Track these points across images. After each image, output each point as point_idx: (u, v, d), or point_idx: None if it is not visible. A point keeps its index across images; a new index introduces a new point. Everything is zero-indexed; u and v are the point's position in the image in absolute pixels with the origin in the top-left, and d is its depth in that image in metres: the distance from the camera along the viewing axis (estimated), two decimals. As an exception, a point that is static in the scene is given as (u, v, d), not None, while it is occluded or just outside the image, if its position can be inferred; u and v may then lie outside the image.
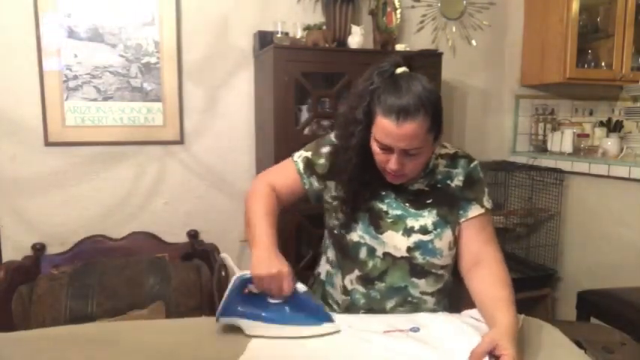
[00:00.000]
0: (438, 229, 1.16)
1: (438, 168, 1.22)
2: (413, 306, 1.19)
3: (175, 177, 2.42)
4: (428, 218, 1.17)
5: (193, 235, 2.44)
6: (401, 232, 1.16)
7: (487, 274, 1.11)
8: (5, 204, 2.21)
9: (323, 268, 1.33)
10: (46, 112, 2.21)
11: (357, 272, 1.20)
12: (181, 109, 2.39)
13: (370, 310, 1.19)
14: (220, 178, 2.49)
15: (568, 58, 2.65)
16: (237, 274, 1.05)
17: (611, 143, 2.64)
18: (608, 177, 2.39)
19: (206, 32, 2.39)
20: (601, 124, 2.99)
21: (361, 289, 1.19)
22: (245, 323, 1.02)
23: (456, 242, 1.19)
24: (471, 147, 2.92)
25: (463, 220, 1.18)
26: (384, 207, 1.19)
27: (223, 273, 2.23)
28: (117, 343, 1.01)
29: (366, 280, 1.19)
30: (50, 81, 2.20)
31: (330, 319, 1.05)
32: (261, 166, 2.43)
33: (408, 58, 1.16)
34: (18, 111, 2.18)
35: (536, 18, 2.85)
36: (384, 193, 1.20)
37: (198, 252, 2.35)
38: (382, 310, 1.19)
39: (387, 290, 1.18)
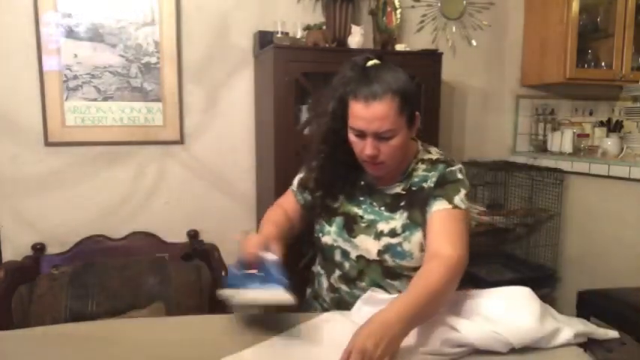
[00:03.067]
0: (407, 232, 1.17)
1: (417, 172, 1.23)
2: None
3: (175, 177, 2.42)
4: (398, 221, 1.19)
5: (193, 235, 2.44)
6: (372, 236, 1.20)
7: (424, 269, 1.05)
8: (5, 204, 2.21)
9: (316, 268, 1.38)
10: (46, 112, 2.21)
11: (337, 272, 1.25)
12: (181, 109, 2.39)
13: None
14: (220, 178, 2.49)
15: (568, 58, 2.65)
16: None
17: (611, 143, 2.64)
18: (608, 177, 2.39)
19: (206, 32, 2.39)
20: (601, 124, 2.99)
21: (345, 287, 1.24)
22: (226, 292, 1.08)
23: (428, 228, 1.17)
24: (471, 147, 2.92)
25: (428, 215, 1.15)
26: (359, 212, 1.24)
27: (223, 273, 2.24)
28: (117, 341, 1.01)
29: (348, 280, 1.23)
30: (50, 81, 2.20)
31: (285, 288, 1.04)
32: (261, 165, 2.43)
33: (381, 53, 1.24)
34: (18, 111, 2.19)
35: (536, 18, 2.85)
36: (361, 198, 1.25)
37: (198, 252, 2.35)
38: None
39: (370, 287, 1.19)
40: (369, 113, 1.09)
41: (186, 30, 2.36)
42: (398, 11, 2.56)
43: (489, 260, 2.69)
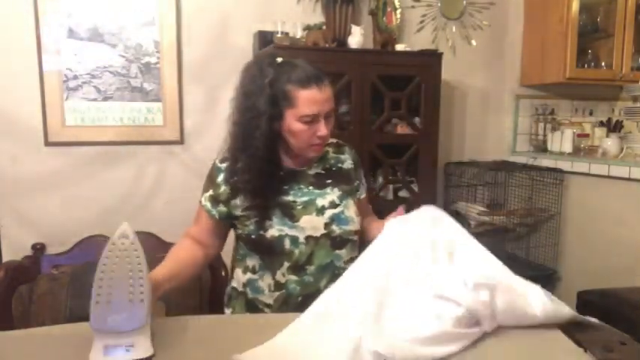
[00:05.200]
0: (344, 201, 1.32)
1: (329, 154, 1.39)
2: (337, 277, 1.24)
3: (175, 177, 2.42)
4: (332, 195, 1.32)
5: (193, 235, 2.43)
6: (315, 214, 1.28)
7: (371, 221, 1.46)
8: (5, 204, 2.22)
9: (240, 279, 1.36)
10: (46, 112, 2.21)
11: (286, 264, 1.26)
12: (181, 109, 2.39)
13: (306, 295, 1.25)
14: (220, 178, 2.49)
15: (568, 58, 2.65)
16: None
17: (611, 143, 2.64)
18: (608, 177, 2.39)
19: (206, 32, 2.39)
20: (601, 124, 2.99)
21: (294, 277, 1.27)
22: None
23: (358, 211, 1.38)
24: (471, 147, 2.92)
25: (359, 196, 1.42)
26: (290, 198, 1.29)
27: (223, 273, 2.24)
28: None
29: (297, 268, 1.27)
30: (50, 81, 2.20)
31: None
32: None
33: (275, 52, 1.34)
34: (18, 111, 2.19)
35: (536, 18, 2.85)
36: (286, 187, 1.30)
37: (198, 252, 2.35)
38: (317, 292, 1.22)
39: (317, 271, 1.27)
40: (323, 95, 1.21)
41: (186, 30, 2.36)
42: (398, 11, 2.56)
43: (489, 260, 2.68)
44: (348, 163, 1.41)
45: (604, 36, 2.84)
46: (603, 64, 2.84)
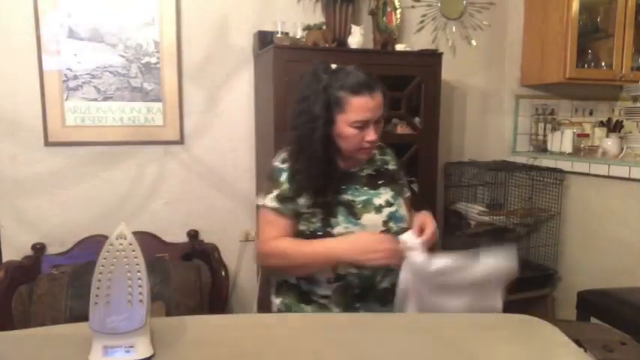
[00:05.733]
0: (397, 201, 1.41)
1: (375, 156, 1.46)
2: (391, 272, 1.34)
3: (175, 177, 2.42)
4: (386, 194, 1.40)
5: (193, 235, 2.44)
6: (374, 212, 1.35)
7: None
8: (5, 204, 2.21)
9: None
10: (46, 112, 2.21)
11: None
12: (181, 109, 2.39)
13: (363, 287, 1.33)
14: (220, 178, 2.49)
15: (568, 58, 2.65)
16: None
17: (611, 143, 2.64)
18: (608, 177, 2.39)
19: (206, 32, 2.39)
20: (601, 124, 2.99)
21: (354, 270, 1.32)
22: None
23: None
24: (471, 147, 2.92)
25: (405, 196, 1.48)
26: (350, 197, 1.36)
27: (223, 273, 2.24)
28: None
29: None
30: (50, 81, 2.20)
31: None
32: (260, 166, 2.44)
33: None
34: (18, 111, 2.19)
35: (536, 18, 2.85)
36: (343, 187, 1.36)
37: (198, 252, 2.35)
38: (373, 285, 1.34)
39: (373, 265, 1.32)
40: (374, 103, 1.26)
41: (186, 30, 2.36)
42: (398, 11, 2.56)
43: (489, 260, 2.68)
44: (392, 164, 1.49)
45: (604, 36, 2.84)
46: (603, 64, 2.84)
